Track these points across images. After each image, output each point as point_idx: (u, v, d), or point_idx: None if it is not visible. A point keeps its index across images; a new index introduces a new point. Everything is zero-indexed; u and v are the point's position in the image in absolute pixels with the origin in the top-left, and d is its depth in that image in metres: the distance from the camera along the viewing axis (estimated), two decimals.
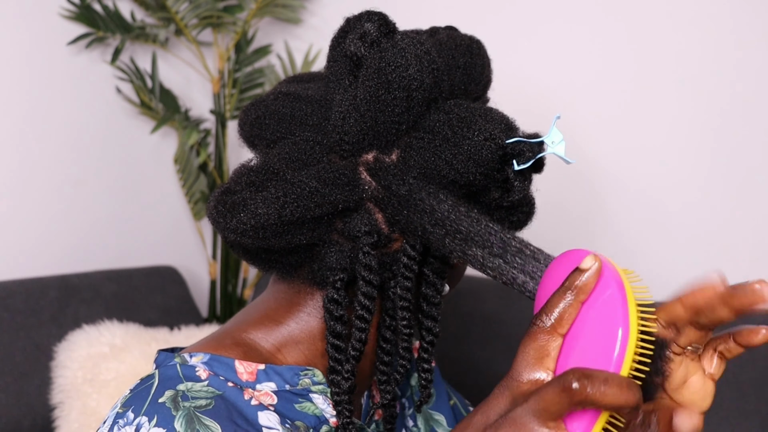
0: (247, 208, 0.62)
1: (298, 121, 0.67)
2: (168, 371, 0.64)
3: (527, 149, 0.62)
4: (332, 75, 0.66)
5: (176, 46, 1.87)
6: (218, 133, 1.86)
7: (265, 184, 0.63)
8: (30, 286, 1.47)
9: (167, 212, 1.93)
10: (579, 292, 0.51)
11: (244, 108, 0.72)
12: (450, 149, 0.61)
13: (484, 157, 0.61)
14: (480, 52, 0.70)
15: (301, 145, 0.65)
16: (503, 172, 0.63)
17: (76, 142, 1.70)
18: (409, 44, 0.62)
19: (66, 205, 1.69)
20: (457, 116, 0.63)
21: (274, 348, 0.68)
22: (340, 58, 0.65)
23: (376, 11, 0.64)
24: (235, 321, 0.71)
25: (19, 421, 1.38)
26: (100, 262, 1.73)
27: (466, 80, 0.68)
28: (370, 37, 0.63)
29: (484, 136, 0.61)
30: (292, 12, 1.83)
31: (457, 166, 0.61)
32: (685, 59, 1.44)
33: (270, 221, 0.61)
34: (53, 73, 1.64)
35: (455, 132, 0.62)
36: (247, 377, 0.65)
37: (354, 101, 0.62)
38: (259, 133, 0.69)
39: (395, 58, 0.61)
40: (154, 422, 0.58)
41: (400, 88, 0.61)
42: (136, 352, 1.42)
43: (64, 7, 1.63)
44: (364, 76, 0.62)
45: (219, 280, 1.91)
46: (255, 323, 0.69)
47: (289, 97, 0.68)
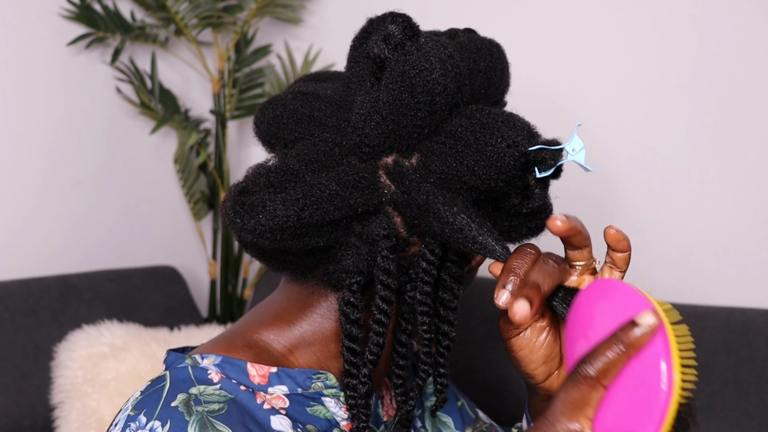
0: (265, 209, 0.61)
1: (318, 121, 0.66)
2: (179, 373, 0.63)
3: (549, 157, 0.61)
4: (353, 76, 0.65)
5: (176, 46, 1.87)
6: (218, 133, 1.86)
7: (284, 185, 0.62)
8: (30, 286, 1.47)
9: (167, 212, 1.93)
10: (631, 348, 0.49)
11: (260, 106, 0.70)
12: (472, 155, 0.61)
13: (506, 164, 0.60)
14: (500, 56, 0.69)
15: (320, 147, 0.64)
16: (524, 178, 0.63)
17: (76, 142, 1.70)
18: (433, 48, 0.62)
19: (66, 205, 1.69)
20: (480, 122, 0.62)
21: (286, 350, 0.68)
22: (362, 59, 0.64)
23: (400, 13, 0.63)
24: (246, 321, 0.71)
25: (19, 421, 1.38)
26: (100, 262, 1.73)
27: (486, 84, 0.67)
28: (394, 40, 0.62)
29: (507, 143, 0.60)
30: (292, 12, 1.83)
31: (479, 172, 0.60)
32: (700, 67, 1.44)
33: (289, 223, 0.61)
34: (53, 73, 1.64)
35: (478, 138, 0.61)
36: (260, 380, 0.65)
37: (376, 104, 0.62)
38: (276, 132, 0.68)
39: (420, 62, 0.61)
40: (168, 428, 0.58)
41: (423, 92, 0.61)
42: (136, 352, 1.42)
43: (63, 8, 1.63)
44: (388, 78, 0.61)
45: (219, 280, 1.91)
46: (267, 324, 0.69)
47: (308, 96, 0.67)
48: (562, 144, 0.62)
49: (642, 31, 1.49)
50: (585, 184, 1.52)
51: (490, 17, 1.64)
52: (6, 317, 1.40)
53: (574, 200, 1.53)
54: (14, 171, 1.59)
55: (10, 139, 1.58)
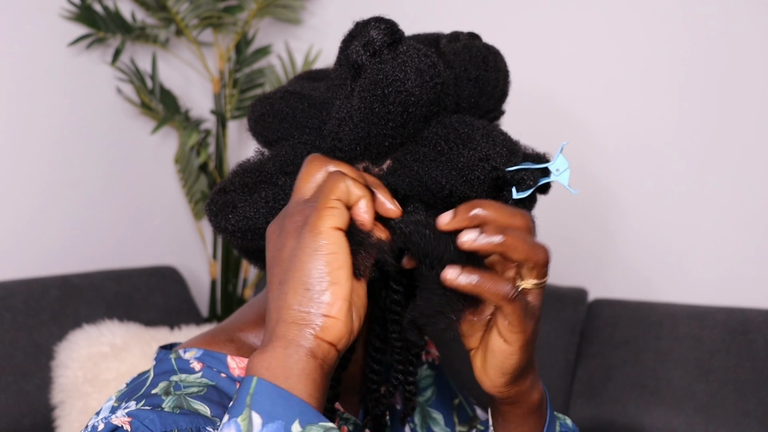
0: (236, 210, 0.62)
1: (299, 123, 0.66)
2: (163, 365, 0.65)
3: (528, 177, 0.59)
4: (336, 78, 0.65)
5: (177, 47, 1.87)
6: (219, 134, 1.86)
7: (258, 186, 0.63)
8: (31, 286, 1.47)
9: (168, 212, 1.93)
10: None
11: (252, 102, 0.71)
12: (443, 164, 0.59)
13: (475, 177, 0.59)
14: (496, 65, 0.67)
15: (298, 149, 0.65)
16: (501, 196, 0.61)
17: (76, 142, 1.70)
18: (411, 57, 0.60)
19: (67, 205, 1.69)
20: (456, 131, 0.60)
21: None
22: (344, 62, 0.64)
23: (385, 18, 0.62)
24: (231, 320, 0.72)
25: (19, 421, 1.38)
26: (100, 261, 1.74)
27: (477, 93, 0.65)
28: (373, 46, 0.61)
29: (479, 156, 0.59)
30: (292, 12, 1.83)
31: (446, 183, 0.59)
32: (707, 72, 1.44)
33: (258, 225, 0.61)
34: (54, 74, 1.65)
35: (451, 147, 0.59)
36: (239, 372, 0.65)
37: (350, 110, 0.61)
38: (261, 131, 0.68)
39: (394, 71, 0.59)
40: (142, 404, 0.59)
41: (395, 102, 0.59)
42: (136, 352, 1.42)
43: (64, 8, 1.63)
44: (361, 86, 0.60)
45: (219, 279, 1.91)
46: (249, 323, 0.70)
47: (294, 96, 0.67)
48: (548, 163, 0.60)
49: (637, 34, 1.49)
50: (584, 185, 1.52)
51: (489, 18, 1.64)
52: (7, 317, 1.41)
53: (571, 202, 1.53)
54: (15, 171, 1.59)
55: (11, 140, 1.58)
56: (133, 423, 0.57)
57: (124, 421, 0.57)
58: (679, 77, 1.46)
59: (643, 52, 1.49)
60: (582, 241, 1.56)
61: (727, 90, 1.42)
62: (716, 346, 1.31)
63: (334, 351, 0.52)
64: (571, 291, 1.46)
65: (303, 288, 0.51)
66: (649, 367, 1.34)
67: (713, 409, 1.27)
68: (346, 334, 0.52)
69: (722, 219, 1.44)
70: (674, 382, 1.31)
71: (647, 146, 1.49)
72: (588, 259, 1.57)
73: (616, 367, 1.36)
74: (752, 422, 1.25)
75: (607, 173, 1.52)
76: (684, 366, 1.32)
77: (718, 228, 1.45)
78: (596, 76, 1.54)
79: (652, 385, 1.32)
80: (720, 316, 1.34)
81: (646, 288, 1.51)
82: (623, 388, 1.34)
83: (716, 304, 1.40)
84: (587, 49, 1.54)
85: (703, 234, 1.46)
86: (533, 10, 1.60)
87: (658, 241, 1.50)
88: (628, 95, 1.51)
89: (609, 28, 1.52)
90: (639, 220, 1.51)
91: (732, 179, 1.43)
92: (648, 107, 1.49)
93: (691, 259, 1.47)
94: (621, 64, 1.51)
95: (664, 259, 1.50)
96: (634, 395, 1.33)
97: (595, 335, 1.41)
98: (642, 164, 1.50)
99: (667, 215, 1.49)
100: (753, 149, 1.41)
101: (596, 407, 1.35)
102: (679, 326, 1.34)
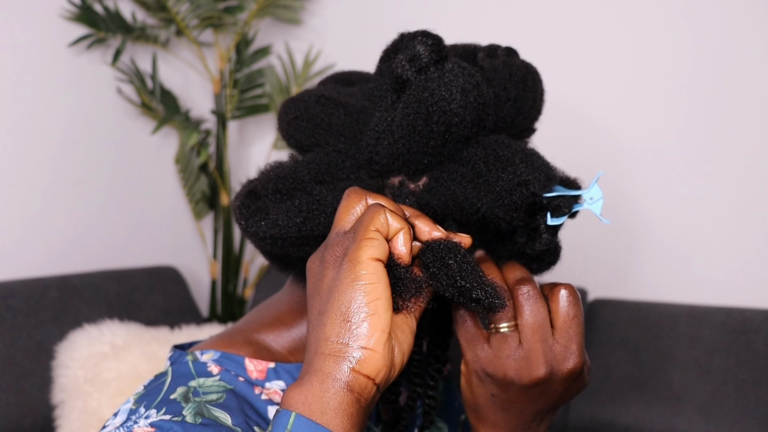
0: (268, 216, 0.61)
1: (335, 130, 0.65)
2: (181, 368, 0.64)
3: (564, 204, 0.59)
4: (376, 89, 0.64)
5: (177, 47, 1.87)
6: (219, 134, 1.86)
7: (291, 193, 0.62)
8: (31, 286, 1.47)
9: (168, 212, 1.93)
10: None
11: (284, 102, 0.69)
12: (481, 186, 0.59)
13: (513, 202, 0.58)
14: (534, 86, 0.66)
15: (333, 157, 0.64)
16: (535, 221, 0.60)
17: (77, 142, 1.70)
18: (457, 76, 0.59)
19: (67, 205, 1.70)
20: (496, 154, 0.59)
21: (285, 350, 0.68)
22: (387, 74, 0.63)
23: (432, 33, 0.61)
24: (247, 320, 0.71)
25: (20, 421, 1.38)
26: (101, 261, 1.74)
27: (514, 113, 0.65)
28: (419, 62, 0.60)
29: (518, 181, 0.58)
30: (292, 13, 1.83)
31: (480, 205, 0.58)
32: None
33: (289, 233, 0.61)
34: (54, 74, 1.65)
35: (490, 169, 0.59)
36: (257, 375, 0.65)
37: (391, 124, 0.60)
38: (294, 134, 0.67)
39: (440, 90, 0.59)
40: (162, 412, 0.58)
41: (439, 122, 0.59)
42: (137, 352, 1.42)
43: (65, 8, 1.64)
44: (406, 101, 0.60)
45: (219, 279, 1.91)
46: (267, 325, 0.69)
47: (330, 102, 0.66)
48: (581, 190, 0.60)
49: (646, 34, 1.49)
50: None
51: (495, 18, 1.64)
52: (7, 317, 1.41)
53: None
54: (15, 171, 1.60)
55: (12, 140, 1.58)
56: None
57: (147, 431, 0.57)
58: (681, 79, 1.46)
59: (652, 52, 1.49)
60: (582, 241, 1.57)
61: (729, 92, 1.42)
62: (716, 346, 1.31)
63: (371, 385, 0.51)
64: None
65: (341, 319, 0.51)
66: (648, 367, 1.34)
67: (713, 408, 1.28)
68: (384, 368, 0.51)
69: (722, 220, 1.44)
70: (674, 381, 1.31)
71: (648, 148, 1.50)
72: (588, 259, 1.57)
73: (615, 366, 1.36)
74: (752, 422, 1.25)
75: (608, 174, 1.52)
76: (683, 366, 1.32)
77: (717, 228, 1.45)
78: (598, 77, 1.54)
79: (651, 385, 1.33)
80: (720, 316, 1.34)
81: (645, 288, 1.51)
82: (623, 388, 1.34)
83: (716, 304, 1.40)
84: (591, 51, 1.54)
85: (703, 234, 1.46)
86: (537, 12, 1.60)
87: (658, 241, 1.50)
88: (631, 97, 1.51)
89: (618, 27, 1.52)
90: (639, 220, 1.51)
91: (732, 180, 1.43)
92: (649, 109, 1.49)
93: (690, 260, 1.47)
94: (627, 67, 1.51)
95: (664, 260, 1.50)
96: (633, 395, 1.33)
97: (594, 335, 1.41)
98: (642, 166, 1.50)
99: (667, 216, 1.49)
100: (754, 150, 1.41)
101: (596, 407, 1.36)
102: (679, 326, 1.35)
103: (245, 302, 1.92)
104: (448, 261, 0.53)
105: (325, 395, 0.50)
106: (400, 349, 0.52)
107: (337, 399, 0.49)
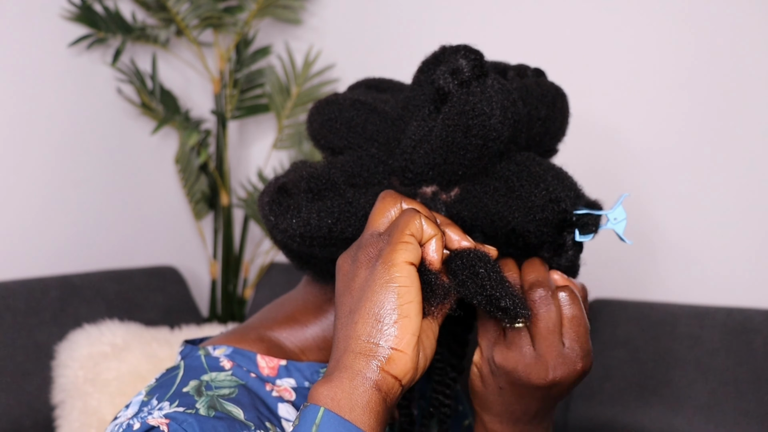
0: (300, 215, 0.62)
1: (369, 135, 0.66)
2: (193, 362, 0.65)
3: (592, 222, 0.61)
4: (414, 99, 0.65)
5: (177, 47, 1.87)
6: (219, 134, 1.86)
7: (323, 194, 0.63)
8: (31, 286, 1.47)
9: (168, 212, 1.93)
10: None
11: (316, 104, 0.70)
12: (513, 200, 0.60)
13: (545, 218, 0.60)
14: (562, 107, 0.69)
15: (365, 161, 0.64)
16: (561, 236, 0.62)
17: (77, 142, 1.70)
18: (498, 92, 0.61)
19: (67, 205, 1.70)
20: (528, 170, 0.61)
21: (297, 349, 0.69)
22: (426, 84, 0.64)
23: (474, 48, 0.63)
24: (261, 317, 0.71)
25: (20, 421, 1.38)
26: (101, 261, 1.74)
27: (542, 132, 0.67)
28: (461, 76, 0.61)
29: (550, 197, 0.60)
30: (292, 13, 1.83)
31: (511, 219, 0.60)
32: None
33: (320, 233, 0.61)
34: (54, 74, 1.65)
35: (523, 185, 0.61)
36: (268, 372, 0.66)
37: (429, 134, 0.61)
38: (327, 135, 0.68)
39: (481, 105, 0.60)
40: (176, 405, 0.59)
41: (478, 135, 0.60)
42: (137, 352, 1.42)
43: (65, 8, 1.64)
44: (446, 113, 0.61)
45: (219, 279, 1.92)
46: (280, 322, 0.70)
47: (366, 107, 0.67)
48: (605, 210, 0.62)
49: (648, 35, 1.49)
50: (584, 185, 1.52)
51: (496, 19, 1.64)
52: (7, 317, 1.41)
53: None
54: (15, 171, 1.60)
55: (12, 140, 1.58)
56: (171, 425, 0.57)
57: (162, 422, 0.57)
58: (684, 79, 1.46)
59: (655, 53, 1.49)
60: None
61: (730, 93, 1.42)
62: (716, 345, 1.31)
63: (398, 385, 0.52)
64: None
65: (373, 319, 0.51)
66: (648, 367, 1.34)
67: (713, 408, 1.28)
68: (411, 370, 0.52)
69: (722, 219, 1.44)
70: (674, 381, 1.31)
71: (649, 148, 1.50)
72: (588, 259, 1.57)
73: (615, 366, 1.36)
74: (752, 422, 1.25)
75: (608, 174, 1.52)
76: (683, 366, 1.32)
77: (717, 228, 1.45)
78: (601, 77, 1.54)
79: (651, 384, 1.33)
80: (720, 316, 1.34)
81: (646, 288, 1.51)
82: (623, 388, 1.34)
83: (716, 304, 1.40)
84: (595, 53, 1.54)
85: (703, 234, 1.46)
86: (538, 13, 1.60)
87: (658, 241, 1.50)
88: (633, 98, 1.51)
89: (620, 28, 1.52)
90: (639, 220, 1.51)
91: (732, 180, 1.43)
92: (651, 110, 1.49)
93: (690, 260, 1.47)
94: (630, 68, 1.51)
95: (664, 260, 1.50)
96: (633, 395, 1.33)
97: (594, 335, 1.41)
98: (642, 166, 1.50)
99: (666, 215, 1.49)
100: (754, 150, 1.41)
101: (596, 407, 1.36)
102: (679, 326, 1.35)
103: (245, 302, 1.92)
104: (478, 269, 0.54)
105: (355, 392, 0.50)
106: (424, 353, 0.54)
107: (366, 397, 0.50)
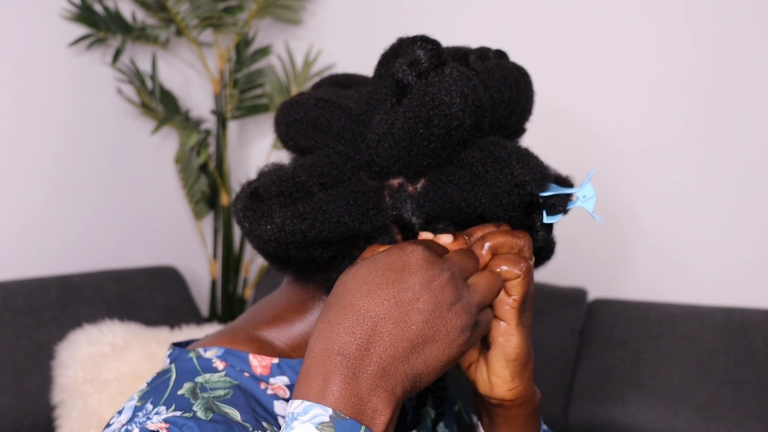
0: (273, 220, 0.62)
1: (335, 132, 0.66)
2: (185, 364, 0.65)
3: (559, 203, 0.62)
4: (376, 93, 0.65)
5: (177, 47, 1.87)
6: (219, 134, 1.86)
7: (294, 197, 0.63)
8: (31, 286, 1.47)
9: (168, 212, 1.93)
10: None
11: (281, 106, 0.70)
12: (478, 187, 0.61)
13: (511, 202, 0.60)
14: (526, 86, 0.68)
15: (333, 159, 0.65)
16: (531, 219, 0.62)
17: (77, 142, 1.70)
18: (456, 80, 0.61)
19: (67, 205, 1.70)
20: (493, 156, 0.62)
21: (287, 346, 0.69)
22: (386, 77, 0.64)
23: (431, 38, 0.63)
24: (247, 318, 0.72)
25: (20, 421, 1.38)
26: (101, 261, 1.74)
27: (507, 114, 0.67)
28: (419, 66, 0.61)
29: (516, 181, 0.60)
30: (292, 13, 1.83)
31: (478, 206, 0.61)
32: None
33: (295, 238, 0.62)
34: (54, 74, 1.65)
35: (488, 171, 0.61)
36: (261, 371, 0.66)
37: (392, 127, 0.62)
38: (294, 137, 0.68)
39: (440, 94, 0.60)
40: (172, 409, 0.59)
41: (440, 125, 0.60)
42: (137, 352, 1.42)
43: (65, 8, 1.64)
44: (406, 105, 0.61)
45: (219, 279, 1.92)
46: (268, 322, 0.70)
47: (330, 105, 0.67)
48: (574, 188, 0.62)
49: (644, 34, 1.49)
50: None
51: (494, 18, 1.64)
52: (7, 317, 1.41)
53: None
54: (15, 171, 1.60)
55: (12, 140, 1.58)
56: (171, 430, 0.56)
57: (161, 426, 0.57)
58: (682, 79, 1.46)
59: (646, 51, 1.49)
60: (582, 241, 1.57)
61: (729, 93, 1.42)
62: (716, 346, 1.31)
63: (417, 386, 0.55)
64: (571, 291, 1.46)
65: (422, 344, 0.54)
66: (648, 367, 1.34)
67: (712, 408, 1.28)
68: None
69: (722, 220, 1.44)
70: (674, 381, 1.31)
71: (649, 148, 1.50)
72: (588, 259, 1.57)
73: (615, 366, 1.36)
74: (752, 422, 1.25)
75: (608, 174, 1.52)
76: (683, 366, 1.32)
77: (717, 229, 1.45)
78: (601, 77, 1.54)
79: (651, 385, 1.33)
80: (719, 316, 1.34)
81: (645, 288, 1.51)
82: (623, 388, 1.34)
83: (716, 304, 1.40)
84: (582, 50, 1.54)
85: (703, 234, 1.46)
86: (536, 11, 1.60)
87: (658, 241, 1.50)
88: (631, 97, 1.51)
89: (615, 27, 1.52)
90: (639, 220, 1.51)
91: (732, 180, 1.43)
92: (650, 109, 1.50)
93: (690, 260, 1.48)
94: (621, 67, 1.51)
95: (664, 260, 1.50)
96: (633, 395, 1.33)
97: (594, 335, 1.41)
98: (643, 166, 1.50)
99: (667, 216, 1.49)
100: (753, 151, 1.41)
101: (596, 407, 1.36)
102: (679, 326, 1.35)
103: (245, 302, 1.92)
104: None
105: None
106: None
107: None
